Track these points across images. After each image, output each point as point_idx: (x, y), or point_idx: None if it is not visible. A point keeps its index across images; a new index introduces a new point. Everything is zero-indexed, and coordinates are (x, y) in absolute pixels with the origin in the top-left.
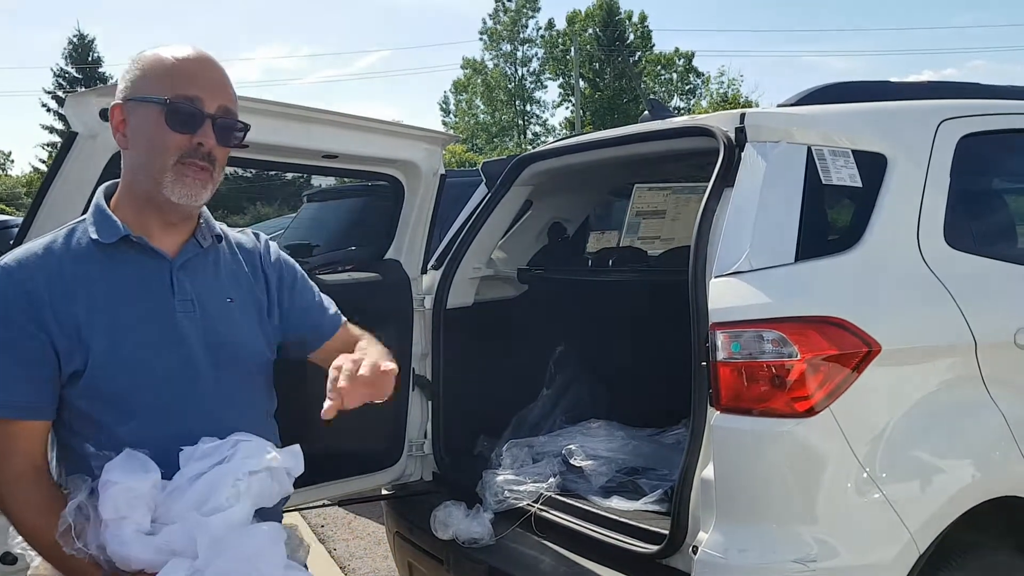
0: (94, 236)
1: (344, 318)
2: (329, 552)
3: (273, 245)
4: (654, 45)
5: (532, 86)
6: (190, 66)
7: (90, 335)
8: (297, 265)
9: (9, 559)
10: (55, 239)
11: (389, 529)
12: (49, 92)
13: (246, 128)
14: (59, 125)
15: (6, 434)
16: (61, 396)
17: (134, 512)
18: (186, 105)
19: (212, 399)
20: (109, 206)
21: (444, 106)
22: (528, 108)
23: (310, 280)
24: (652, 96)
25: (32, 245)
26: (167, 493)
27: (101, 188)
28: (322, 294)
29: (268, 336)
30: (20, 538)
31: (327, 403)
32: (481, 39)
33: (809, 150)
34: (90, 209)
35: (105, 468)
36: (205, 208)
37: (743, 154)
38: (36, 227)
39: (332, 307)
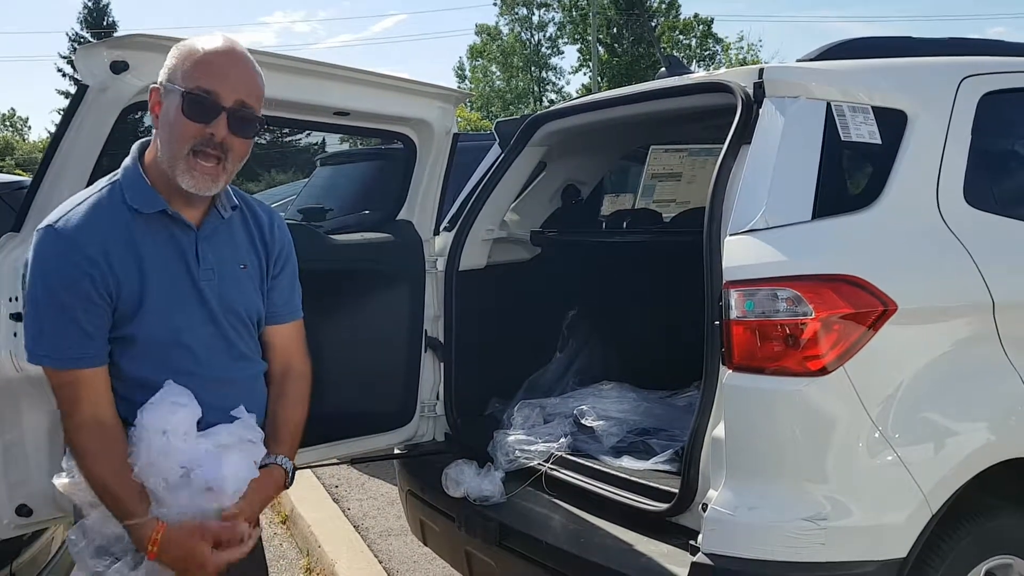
0: (133, 205)
1: (301, 316)
2: (343, 512)
3: (284, 223)
4: (679, 12)
5: (548, 52)
6: (214, 59)
7: (142, 300)
8: (294, 252)
9: (25, 511)
10: (99, 201)
11: (401, 488)
12: (65, 57)
13: (264, 122)
14: (74, 90)
15: (69, 384)
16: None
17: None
18: (203, 97)
19: (231, 357)
20: (142, 166)
21: (460, 72)
22: (544, 75)
23: (296, 273)
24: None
25: (78, 207)
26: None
27: (135, 147)
28: (295, 290)
29: (264, 299)
30: (66, 474)
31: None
32: (495, 3)
33: (828, 106)
34: (124, 171)
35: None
36: None
37: (761, 110)
38: (48, 182)
39: (296, 299)
